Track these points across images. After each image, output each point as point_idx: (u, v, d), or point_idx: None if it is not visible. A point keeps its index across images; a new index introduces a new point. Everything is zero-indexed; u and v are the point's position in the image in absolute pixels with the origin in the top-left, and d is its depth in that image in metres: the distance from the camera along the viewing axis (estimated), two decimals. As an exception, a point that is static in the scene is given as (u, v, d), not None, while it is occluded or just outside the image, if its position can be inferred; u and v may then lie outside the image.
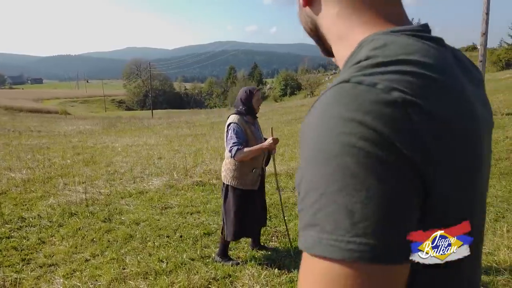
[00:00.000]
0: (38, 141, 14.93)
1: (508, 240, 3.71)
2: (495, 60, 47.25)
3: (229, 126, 3.37)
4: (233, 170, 3.39)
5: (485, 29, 11.19)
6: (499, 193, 5.16)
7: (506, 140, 8.02)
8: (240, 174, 3.39)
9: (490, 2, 11.22)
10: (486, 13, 11.15)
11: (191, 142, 13.43)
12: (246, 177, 3.41)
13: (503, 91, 15.86)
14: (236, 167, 3.38)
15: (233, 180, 3.40)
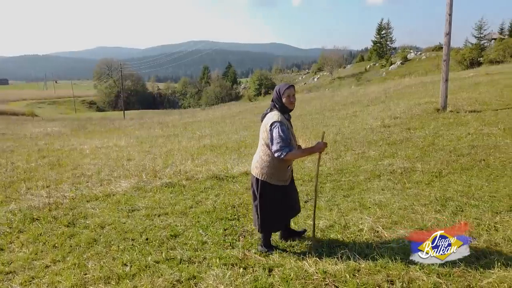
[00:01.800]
0: (2, 144, 14.36)
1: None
2: (460, 60, 49.05)
3: (273, 124, 3.37)
4: (270, 167, 3.49)
5: (448, 30, 11.58)
6: (459, 188, 5.34)
7: (468, 137, 8.33)
8: (277, 171, 3.51)
9: (453, 3, 11.62)
10: (449, 14, 11.54)
11: (163, 143, 13.24)
12: (282, 174, 3.55)
13: (466, 89, 16.46)
14: (274, 164, 3.48)
15: (268, 176, 3.52)
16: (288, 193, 3.67)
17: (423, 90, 19.05)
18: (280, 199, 3.59)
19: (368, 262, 3.36)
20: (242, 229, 4.41)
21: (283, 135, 3.32)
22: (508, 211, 4.42)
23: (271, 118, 3.42)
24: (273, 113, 3.48)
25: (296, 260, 3.50)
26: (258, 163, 3.58)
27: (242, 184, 6.44)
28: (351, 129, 11.14)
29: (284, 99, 3.46)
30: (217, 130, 16.39)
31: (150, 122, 26.62)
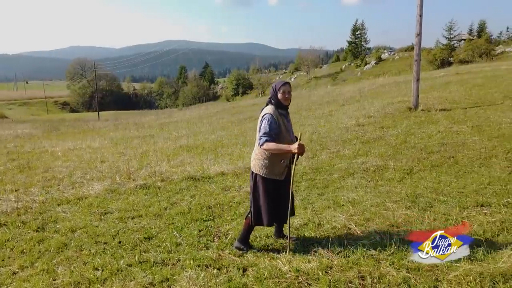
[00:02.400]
0: (-32, 147, 13.76)
1: (434, 228, 3.96)
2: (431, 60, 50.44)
3: (264, 116, 3.52)
4: (262, 159, 3.56)
5: (419, 30, 11.88)
6: (429, 184, 5.50)
7: (438, 135, 8.58)
8: (269, 164, 3.55)
9: (423, 5, 11.94)
10: (420, 15, 11.85)
11: (138, 144, 13.03)
12: (274, 168, 3.57)
13: (437, 88, 16.94)
14: (266, 156, 3.54)
15: (262, 169, 3.57)
16: (282, 188, 3.65)
17: (396, 90, 19.49)
18: (273, 192, 3.60)
19: (340, 259, 3.42)
20: (217, 230, 4.40)
21: (267, 127, 3.44)
22: (475, 206, 4.58)
23: (264, 111, 3.60)
24: (267, 107, 3.63)
25: (270, 259, 3.52)
26: (253, 156, 3.70)
27: (218, 185, 6.42)
28: (326, 128, 11.27)
29: (280, 95, 3.57)
30: (194, 131, 16.26)
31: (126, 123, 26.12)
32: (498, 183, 5.31)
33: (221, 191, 6.01)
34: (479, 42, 48.50)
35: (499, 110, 10.34)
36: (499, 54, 46.26)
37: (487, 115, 9.88)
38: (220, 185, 6.40)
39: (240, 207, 5.22)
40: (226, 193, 5.93)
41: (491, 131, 8.30)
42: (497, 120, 9.23)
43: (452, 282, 2.92)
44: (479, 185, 5.28)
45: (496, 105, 11.14)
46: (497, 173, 5.78)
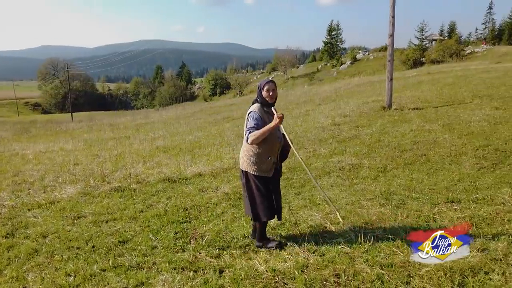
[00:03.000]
0: None
1: (406, 225, 4.06)
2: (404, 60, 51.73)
3: (249, 114, 3.60)
4: (250, 156, 3.62)
5: (391, 31, 12.15)
6: (402, 182, 5.63)
7: (411, 133, 8.80)
8: (257, 161, 3.61)
9: (395, 6, 12.21)
10: (392, 16, 12.12)
11: (113, 146, 12.78)
12: (262, 164, 3.62)
13: (410, 88, 17.38)
14: (253, 153, 3.60)
15: (250, 167, 3.63)
16: (271, 185, 3.73)
17: (371, 89, 19.87)
18: (263, 189, 3.66)
19: (316, 257, 3.45)
20: (194, 232, 4.36)
21: (253, 122, 3.51)
22: (446, 202, 4.72)
23: (249, 109, 3.66)
24: (253, 106, 3.69)
25: (247, 260, 3.52)
26: (241, 154, 3.74)
27: (195, 186, 6.37)
28: (303, 127, 11.37)
29: (264, 93, 3.64)
30: (170, 131, 16.09)
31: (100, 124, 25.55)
32: (467, 180, 5.49)
33: (198, 192, 5.97)
34: (450, 43, 50.03)
35: (468, 109, 10.69)
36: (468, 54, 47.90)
37: (457, 114, 10.20)
38: (197, 186, 6.36)
39: (217, 208, 5.19)
40: (203, 194, 5.89)
41: (461, 129, 8.58)
42: (466, 118, 9.54)
43: (423, 277, 3.00)
44: (449, 182, 5.45)
45: (466, 104, 11.52)
46: (467, 170, 5.98)
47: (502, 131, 8.00)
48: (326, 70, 69.94)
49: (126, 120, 27.81)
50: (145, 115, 33.23)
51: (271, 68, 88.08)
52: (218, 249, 3.81)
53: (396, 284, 2.94)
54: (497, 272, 2.98)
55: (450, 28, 68.64)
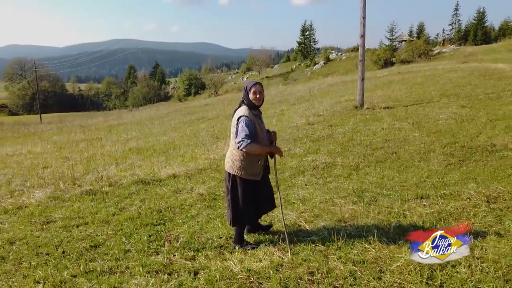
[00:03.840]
0: None
1: (378, 221, 4.16)
2: (375, 60, 52.91)
3: (239, 119, 3.52)
4: (240, 160, 3.59)
5: (363, 32, 12.41)
6: (374, 179, 5.77)
7: (382, 131, 9.01)
8: (247, 165, 3.60)
9: (366, 7, 12.48)
10: (363, 17, 12.38)
11: (84, 148, 12.47)
12: (252, 168, 3.62)
13: (381, 87, 17.81)
14: (244, 158, 3.57)
15: (240, 170, 3.61)
16: (259, 188, 3.75)
17: (344, 89, 20.23)
18: (250, 193, 3.67)
19: (290, 256, 3.48)
20: (168, 234, 4.31)
21: (247, 129, 3.46)
22: (415, 198, 4.87)
23: (238, 113, 3.59)
24: (241, 108, 3.65)
25: (222, 261, 3.51)
26: (229, 157, 3.69)
27: (169, 187, 6.29)
28: (278, 127, 11.44)
29: (251, 95, 3.60)
30: (144, 132, 15.84)
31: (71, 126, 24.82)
32: (435, 176, 5.68)
33: (173, 194, 5.90)
34: (418, 43, 51.53)
35: (436, 107, 11.06)
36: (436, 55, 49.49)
37: (426, 112, 10.54)
38: (172, 187, 6.28)
39: (192, 209, 5.15)
40: (178, 195, 5.83)
41: (429, 127, 8.86)
42: (435, 116, 9.86)
43: (394, 272, 3.08)
44: (418, 179, 5.62)
45: (434, 103, 11.91)
46: (435, 166, 6.18)
47: (468, 129, 8.32)
48: (300, 70, 70.60)
49: (98, 121, 27.16)
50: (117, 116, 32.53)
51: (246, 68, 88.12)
52: (193, 250, 3.79)
53: (368, 279, 3.01)
54: (463, 265, 3.10)
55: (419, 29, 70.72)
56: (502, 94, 11.70)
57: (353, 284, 2.97)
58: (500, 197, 4.66)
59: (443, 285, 2.86)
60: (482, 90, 13.02)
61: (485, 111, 9.85)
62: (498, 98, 11.31)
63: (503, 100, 10.87)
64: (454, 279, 2.92)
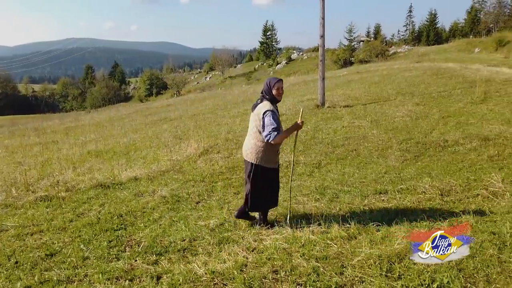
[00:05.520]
0: None
1: (339, 217, 4.25)
2: (335, 59, 54.19)
3: (266, 113, 3.79)
4: (264, 151, 3.91)
5: (322, 32, 12.67)
6: (335, 177, 5.91)
7: (342, 129, 9.25)
8: (269, 155, 3.94)
9: (325, 8, 12.74)
10: (322, 18, 12.63)
11: (39, 152, 11.86)
12: (274, 157, 4.01)
13: (341, 86, 18.26)
14: (267, 149, 3.90)
15: (263, 160, 3.93)
16: (276, 175, 4.17)
17: (305, 88, 20.56)
18: (271, 180, 4.05)
19: (255, 255, 3.49)
20: (129, 239, 4.19)
21: (274, 122, 3.76)
22: (374, 194, 5.04)
23: (263, 108, 3.85)
24: (264, 103, 3.90)
25: (185, 264, 3.46)
26: (252, 149, 3.96)
27: (130, 191, 6.13)
28: (242, 126, 11.44)
29: (274, 91, 3.89)
30: (103, 134, 15.31)
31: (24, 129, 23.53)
32: (393, 172, 5.91)
33: (134, 197, 5.75)
34: (375, 44, 53.31)
35: (393, 105, 11.49)
36: (392, 55, 51.45)
37: (383, 110, 10.92)
38: (133, 191, 6.12)
39: (154, 212, 5.04)
40: (139, 199, 5.68)
41: (386, 125, 9.19)
42: (391, 114, 10.25)
43: (355, 267, 3.16)
44: (377, 174, 5.82)
45: (391, 101, 12.37)
46: (392, 162, 6.42)
47: (422, 125, 8.71)
48: (263, 69, 71.06)
49: (53, 124, 25.94)
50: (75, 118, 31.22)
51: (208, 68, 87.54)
52: (155, 255, 3.70)
53: (330, 275, 3.06)
54: (419, 256, 3.23)
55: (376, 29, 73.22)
56: (453, 92, 12.35)
57: (316, 280, 3.02)
58: (452, 190, 4.91)
59: (401, 277, 2.97)
60: (434, 88, 13.67)
61: (437, 108, 10.35)
62: (449, 96, 11.92)
63: (454, 98, 11.47)
64: (412, 271, 3.03)
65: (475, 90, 11.49)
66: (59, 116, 41.38)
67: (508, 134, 7.12)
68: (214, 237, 4.03)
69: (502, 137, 7.00)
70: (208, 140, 9.75)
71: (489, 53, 38.80)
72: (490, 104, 9.99)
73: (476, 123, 8.26)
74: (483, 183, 4.96)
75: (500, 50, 38.04)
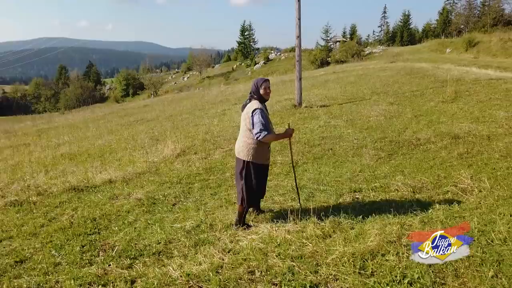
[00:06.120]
0: None
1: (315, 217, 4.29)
2: (312, 60, 54.75)
3: (254, 111, 3.94)
4: (254, 149, 4.05)
5: (298, 33, 12.76)
6: (312, 176, 5.97)
7: (319, 129, 9.34)
8: (260, 152, 4.10)
9: (301, 9, 12.85)
10: (298, 18, 12.72)
11: (9, 155, 11.50)
12: (264, 154, 4.17)
13: (318, 86, 18.45)
14: (258, 146, 4.05)
15: (256, 157, 4.08)
16: (267, 171, 4.37)
17: (283, 88, 20.65)
18: (262, 175, 4.23)
19: (231, 256, 3.49)
20: (103, 243, 4.11)
21: (262, 120, 3.91)
22: (349, 192, 5.12)
23: (252, 107, 4.00)
24: (252, 102, 4.07)
25: (160, 267, 3.42)
26: (244, 147, 4.10)
27: (104, 194, 6.01)
28: (220, 127, 11.41)
29: (262, 90, 4.08)
30: (78, 136, 14.96)
31: (-6, 131, 22.76)
32: (367, 170, 6.02)
33: (108, 201, 5.64)
34: (351, 44, 54.17)
35: (368, 105, 11.69)
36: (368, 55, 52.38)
37: (359, 110, 11.10)
38: (107, 194, 6.01)
39: (129, 215, 4.96)
40: (114, 202, 5.59)
41: (362, 124, 9.35)
42: (366, 113, 10.43)
43: (330, 265, 3.21)
44: (352, 173, 5.91)
45: (366, 100, 12.59)
46: (367, 161, 6.54)
47: (396, 124, 8.90)
48: (241, 69, 71.01)
49: (25, 126, 25.17)
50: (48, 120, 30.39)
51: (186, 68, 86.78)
52: (130, 258, 3.65)
53: (305, 274, 3.10)
54: (392, 253, 3.30)
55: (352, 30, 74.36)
56: (425, 92, 12.67)
57: (291, 280, 3.04)
58: (424, 187, 5.05)
59: (374, 273, 3.03)
60: (408, 88, 14.00)
61: (410, 107, 10.60)
62: (422, 95, 12.23)
63: (426, 97, 11.77)
64: (384, 267, 3.10)
65: (446, 89, 11.83)
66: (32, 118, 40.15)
67: (477, 132, 7.37)
68: (190, 239, 4.00)
69: (472, 135, 7.23)
70: (186, 141, 9.67)
71: (459, 53, 40.09)
72: (460, 103, 10.31)
73: (447, 122, 8.51)
74: (453, 180, 5.12)
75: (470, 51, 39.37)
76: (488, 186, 4.71)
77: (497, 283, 2.76)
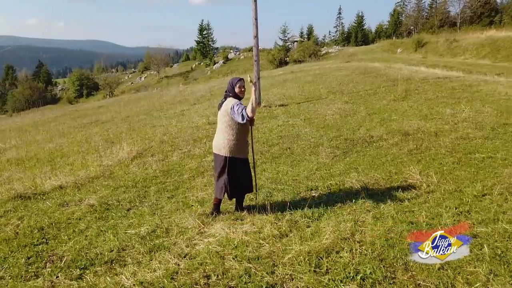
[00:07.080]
0: None
1: (272, 217, 4.31)
2: (271, 59, 55.26)
3: (233, 106, 4.15)
4: (235, 144, 4.26)
5: (255, 33, 12.79)
6: (270, 175, 6.00)
7: (277, 128, 9.43)
8: (240, 146, 4.29)
9: (257, 9, 12.88)
10: (255, 18, 12.76)
11: None
12: (244, 148, 4.38)
13: (277, 86, 18.63)
14: (238, 141, 4.26)
15: (236, 152, 4.29)
16: (248, 164, 4.51)
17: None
18: (244, 168, 4.41)
19: (187, 261, 3.42)
20: (51, 253, 3.89)
21: (242, 106, 4.14)
22: (306, 190, 5.19)
23: (229, 103, 4.22)
24: (229, 99, 4.29)
25: (112, 276, 3.29)
26: (224, 143, 4.26)
27: (54, 201, 5.71)
28: (178, 128, 11.22)
29: (237, 89, 4.31)
30: (26, 140, 14.17)
31: None
32: (323, 168, 6.14)
33: (58, 208, 5.36)
34: (308, 44, 55.18)
35: (324, 104, 11.96)
36: (324, 55, 53.68)
37: (316, 108, 11.33)
38: (57, 200, 5.71)
39: (80, 223, 4.74)
40: (64, 209, 5.32)
41: (318, 123, 9.54)
42: (323, 112, 10.66)
43: (286, 265, 3.23)
44: (309, 172, 6.01)
45: (322, 99, 12.86)
46: (323, 159, 6.67)
47: (351, 123, 9.17)
48: (200, 69, 70.34)
49: (-33, 130, 23.45)
50: (-7, 123, 28.54)
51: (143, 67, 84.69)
52: (80, 269, 3.48)
53: (262, 275, 3.09)
54: (346, 250, 3.38)
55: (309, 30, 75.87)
56: (378, 90, 13.16)
57: (247, 282, 3.02)
58: (376, 184, 5.22)
59: (328, 271, 3.08)
60: (362, 87, 14.47)
61: (364, 106, 10.96)
62: (375, 94, 12.68)
63: (379, 96, 12.22)
64: (338, 264, 3.16)
65: (397, 88, 12.35)
66: (-26, 121, 37.49)
67: (425, 129, 7.74)
68: (144, 245, 3.88)
69: (420, 132, 7.59)
70: (142, 143, 9.42)
71: (409, 53, 42.01)
72: (410, 101, 10.79)
73: (398, 119, 8.88)
74: (403, 176, 5.34)
75: (419, 51, 41.37)
76: (436, 181, 4.95)
77: (444, 274, 2.89)
